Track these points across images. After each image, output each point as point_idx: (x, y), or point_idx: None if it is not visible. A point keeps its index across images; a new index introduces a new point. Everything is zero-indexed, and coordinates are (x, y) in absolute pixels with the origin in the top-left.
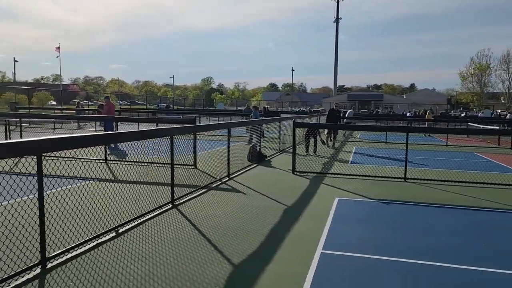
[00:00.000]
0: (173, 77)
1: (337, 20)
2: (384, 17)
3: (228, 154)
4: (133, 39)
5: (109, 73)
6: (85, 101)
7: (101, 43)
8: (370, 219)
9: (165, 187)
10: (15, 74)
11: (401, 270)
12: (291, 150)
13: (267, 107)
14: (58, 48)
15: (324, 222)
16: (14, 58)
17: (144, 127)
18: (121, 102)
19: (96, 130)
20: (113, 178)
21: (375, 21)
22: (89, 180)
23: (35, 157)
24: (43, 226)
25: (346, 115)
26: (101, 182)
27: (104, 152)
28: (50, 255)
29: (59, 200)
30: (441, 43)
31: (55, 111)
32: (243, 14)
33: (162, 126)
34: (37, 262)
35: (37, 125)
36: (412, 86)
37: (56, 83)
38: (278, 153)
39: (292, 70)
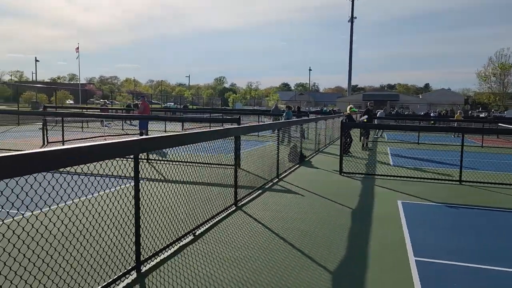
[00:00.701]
0: (189, 77)
1: (351, 19)
2: (397, 15)
3: (278, 155)
4: (145, 38)
5: (122, 73)
6: (110, 100)
7: (114, 42)
8: (447, 224)
9: (225, 188)
10: (36, 73)
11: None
12: (326, 150)
13: (299, 107)
14: (78, 48)
15: (399, 226)
16: (35, 58)
17: (173, 126)
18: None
19: (123, 128)
20: (164, 178)
21: (383, 21)
22: (145, 180)
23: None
24: (139, 229)
25: (377, 115)
26: (160, 183)
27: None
28: (143, 259)
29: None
30: (454, 42)
31: (83, 110)
32: (254, 13)
33: (189, 125)
34: (133, 265)
35: (65, 124)
36: (427, 86)
37: (72, 82)
38: (315, 154)
39: (310, 70)
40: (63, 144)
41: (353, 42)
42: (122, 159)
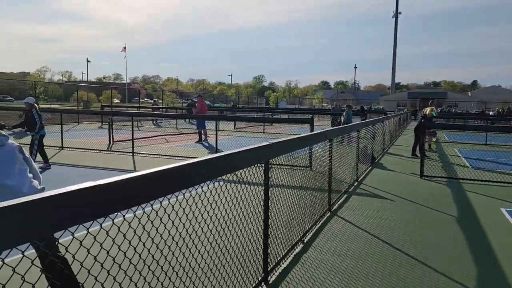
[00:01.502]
0: (231, 76)
1: (396, 14)
2: (440, 9)
3: (358, 157)
4: (184, 37)
5: (164, 72)
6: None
7: (155, 42)
8: None
9: (318, 192)
10: (88, 73)
11: None
12: (390, 151)
13: (363, 106)
14: (124, 48)
15: None
16: (87, 59)
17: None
18: (180, 100)
19: (177, 127)
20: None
21: (424, 16)
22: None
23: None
24: (267, 238)
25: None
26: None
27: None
28: (269, 268)
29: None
30: (500, 38)
31: (140, 109)
32: (293, 11)
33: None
34: (262, 276)
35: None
36: (475, 83)
37: (117, 81)
38: (381, 155)
39: (355, 67)
40: (133, 143)
41: (395, 39)
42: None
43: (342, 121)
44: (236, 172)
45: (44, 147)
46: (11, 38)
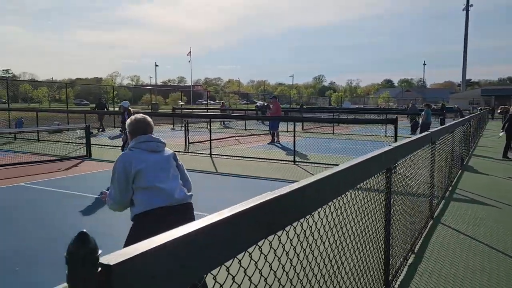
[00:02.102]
0: (292, 76)
1: (467, 7)
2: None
3: (451, 159)
4: (244, 40)
5: (224, 74)
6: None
7: (215, 45)
8: None
9: (417, 198)
10: (156, 77)
11: None
12: (475, 153)
13: (443, 104)
14: (190, 52)
15: None
16: (155, 63)
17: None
18: (242, 102)
19: (245, 128)
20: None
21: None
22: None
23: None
24: (388, 247)
25: None
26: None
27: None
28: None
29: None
30: None
31: (208, 110)
32: (352, 8)
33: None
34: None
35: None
36: None
37: (181, 84)
38: (468, 157)
39: (424, 64)
40: (210, 145)
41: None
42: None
43: (421, 121)
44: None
45: None
46: (83, 46)
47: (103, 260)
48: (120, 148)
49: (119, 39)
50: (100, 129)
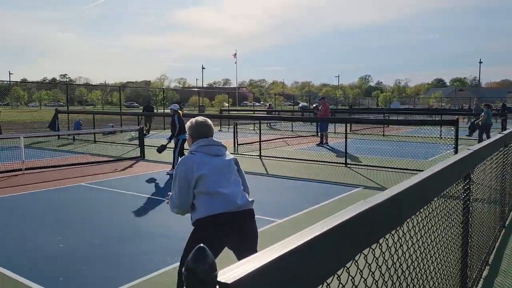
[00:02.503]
0: (338, 77)
1: None
2: None
3: None
4: (288, 40)
5: (269, 75)
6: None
7: (260, 46)
8: None
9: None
10: (202, 80)
11: None
12: None
13: (504, 103)
14: (235, 54)
15: None
16: (202, 65)
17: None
18: (286, 103)
19: (292, 130)
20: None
21: None
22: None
23: None
24: (466, 259)
25: None
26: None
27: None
28: None
29: None
30: None
31: (254, 112)
32: (399, 6)
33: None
34: None
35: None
36: None
37: (226, 86)
38: None
39: (480, 62)
40: (260, 146)
41: None
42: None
43: (480, 122)
44: None
45: (185, 151)
46: (133, 51)
47: (220, 278)
48: (172, 150)
49: (167, 43)
50: (146, 132)
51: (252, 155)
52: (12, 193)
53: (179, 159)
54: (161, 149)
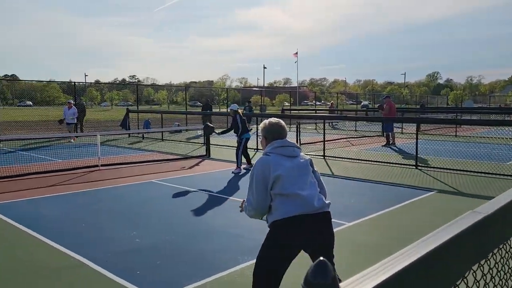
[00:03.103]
0: (404, 74)
1: None
2: None
3: None
4: (351, 38)
5: (330, 74)
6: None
7: (322, 45)
8: None
9: None
10: (264, 79)
11: None
12: None
13: None
14: (296, 53)
15: None
16: (263, 65)
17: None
18: (347, 102)
19: (356, 129)
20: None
21: None
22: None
23: None
24: None
25: None
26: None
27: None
28: None
29: None
30: None
31: (318, 111)
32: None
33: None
34: None
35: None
36: None
37: (286, 85)
38: None
39: None
40: (324, 146)
41: None
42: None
43: None
44: None
45: (248, 149)
46: (198, 51)
47: None
48: (235, 149)
49: (230, 44)
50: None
51: (315, 155)
52: (90, 188)
53: (243, 158)
54: (209, 130)
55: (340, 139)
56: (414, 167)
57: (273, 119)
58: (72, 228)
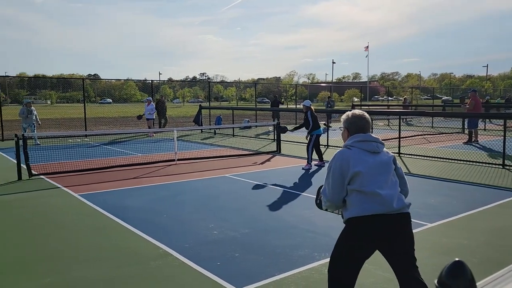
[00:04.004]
0: (486, 66)
1: None
2: None
3: None
4: (426, 30)
5: (403, 68)
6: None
7: (394, 38)
8: None
9: None
10: (332, 74)
11: None
12: None
13: None
14: (367, 47)
15: None
16: (332, 60)
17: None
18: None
19: (432, 126)
20: None
21: None
22: None
23: None
24: None
25: None
26: None
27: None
28: None
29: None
30: None
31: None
32: None
33: None
34: None
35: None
36: None
37: (355, 81)
38: None
39: None
40: (399, 143)
41: None
42: None
43: None
44: None
45: (320, 146)
46: (266, 48)
47: None
48: (306, 145)
49: (297, 40)
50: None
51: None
52: (168, 181)
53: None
54: (282, 130)
55: (416, 135)
56: (501, 167)
57: (357, 111)
58: (155, 218)
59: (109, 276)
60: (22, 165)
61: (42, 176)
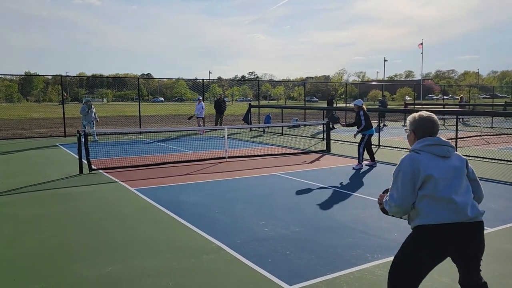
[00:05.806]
0: None
1: None
2: None
3: None
4: (490, 25)
5: (460, 65)
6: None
7: (453, 34)
8: None
9: None
10: (384, 72)
11: None
12: None
13: None
14: (421, 44)
15: None
16: (384, 58)
17: None
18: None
19: (492, 126)
20: None
21: None
22: None
23: None
24: None
25: None
26: None
27: None
28: None
29: None
30: None
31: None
32: None
33: None
34: None
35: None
36: None
37: (408, 79)
38: None
39: None
40: (456, 143)
41: None
42: None
43: None
44: None
45: (372, 146)
46: (315, 45)
47: None
48: (357, 144)
49: (348, 37)
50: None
51: (461, 155)
52: (219, 178)
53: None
54: (335, 119)
55: (473, 136)
56: None
57: (425, 113)
58: (208, 214)
59: (165, 268)
60: (83, 160)
61: (101, 171)
